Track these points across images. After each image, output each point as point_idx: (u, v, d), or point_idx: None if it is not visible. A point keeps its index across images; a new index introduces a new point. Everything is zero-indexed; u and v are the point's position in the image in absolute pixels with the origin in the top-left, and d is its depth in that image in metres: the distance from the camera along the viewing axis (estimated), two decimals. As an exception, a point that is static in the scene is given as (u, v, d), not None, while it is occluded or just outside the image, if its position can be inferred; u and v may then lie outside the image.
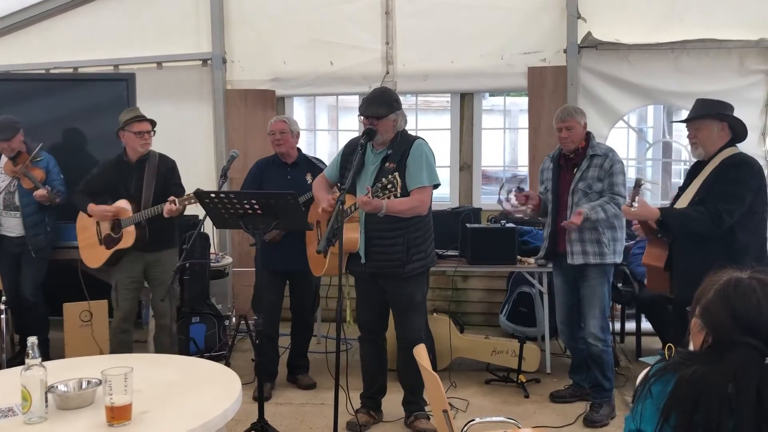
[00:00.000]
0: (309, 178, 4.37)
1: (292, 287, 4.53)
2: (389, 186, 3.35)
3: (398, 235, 3.64)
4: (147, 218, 4.14)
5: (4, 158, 4.68)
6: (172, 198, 4.01)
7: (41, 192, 4.49)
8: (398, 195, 3.37)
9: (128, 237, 4.21)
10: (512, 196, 4.15)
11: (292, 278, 4.45)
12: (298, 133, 4.56)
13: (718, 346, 1.58)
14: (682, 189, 3.60)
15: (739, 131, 3.42)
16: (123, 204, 4.23)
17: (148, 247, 4.24)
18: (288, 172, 4.44)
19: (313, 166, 4.49)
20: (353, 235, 3.67)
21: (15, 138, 4.60)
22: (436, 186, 3.75)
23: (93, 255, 4.39)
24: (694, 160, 3.56)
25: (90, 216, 4.32)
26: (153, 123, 4.28)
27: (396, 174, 3.37)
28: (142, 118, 4.23)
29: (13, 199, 4.68)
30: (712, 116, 3.39)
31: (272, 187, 4.26)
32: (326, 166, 4.60)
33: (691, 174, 3.57)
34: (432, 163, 3.71)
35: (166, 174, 4.31)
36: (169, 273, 4.27)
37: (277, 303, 4.47)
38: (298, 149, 4.55)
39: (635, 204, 3.28)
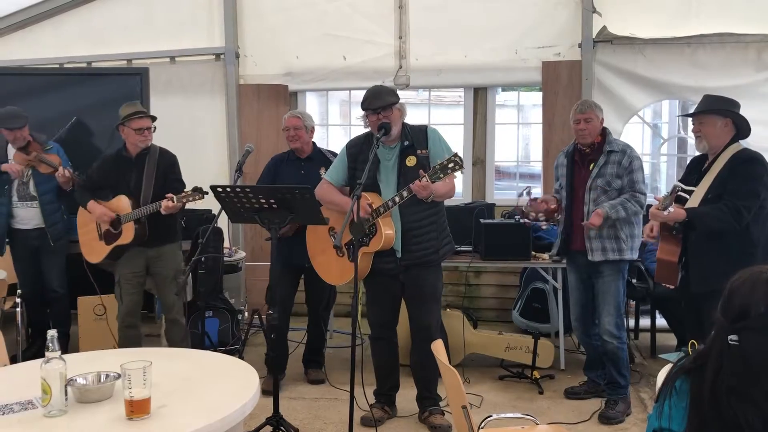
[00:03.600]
0: (323, 172, 4.36)
1: (306, 282, 4.53)
2: (451, 165, 3.35)
3: (433, 221, 3.71)
4: (145, 215, 4.11)
5: (12, 151, 4.66)
6: (169, 195, 3.97)
7: (64, 173, 4.46)
8: (463, 172, 3.38)
9: (127, 233, 4.17)
10: (530, 210, 4.09)
11: (307, 273, 4.42)
12: (313, 128, 4.55)
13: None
14: (684, 182, 3.62)
15: (742, 128, 3.51)
16: (122, 199, 4.19)
17: (149, 243, 4.21)
18: (302, 166, 4.44)
19: (327, 160, 4.48)
20: (388, 231, 3.64)
21: (25, 127, 4.59)
22: None
23: (93, 250, 4.35)
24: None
25: (90, 213, 4.29)
26: (153, 118, 4.25)
27: (456, 153, 3.39)
28: (142, 114, 4.18)
29: (28, 190, 4.67)
30: (715, 112, 3.48)
31: (286, 181, 4.25)
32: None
33: (694, 169, 3.63)
34: (450, 146, 3.75)
35: (167, 169, 4.27)
36: (172, 267, 4.28)
37: (289, 298, 4.46)
38: (314, 143, 4.54)
39: (671, 209, 3.31)
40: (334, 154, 4.63)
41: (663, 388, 1.63)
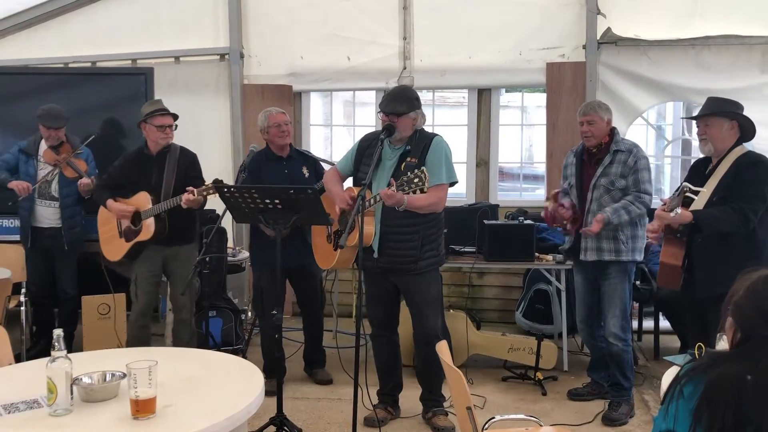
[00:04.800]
0: (305, 171, 4.36)
1: (294, 284, 4.52)
2: (416, 180, 3.31)
3: (414, 231, 3.65)
4: (166, 210, 4.13)
5: (43, 146, 4.71)
6: (190, 188, 3.99)
7: (86, 181, 4.52)
8: (424, 190, 3.33)
9: (148, 229, 4.20)
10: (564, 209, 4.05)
11: (293, 275, 4.41)
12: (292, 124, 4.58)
13: (747, 343, 1.58)
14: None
15: (747, 130, 3.50)
16: (143, 196, 4.22)
17: (168, 241, 4.23)
18: (284, 166, 4.39)
19: (306, 158, 4.48)
20: (368, 228, 3.66)
21: (63, 128, 4.65)
22: (453, 184, 3.75)
23: (113, 248, 4.39)
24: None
25: (109, 211, 4.33)
26: (175, 117, 4.27)
27: (423, 169, 3.34)
28: (164, 112, 4.22)
29: (49, 189, 4.71)
30: (722, 114, 3.46)
31: (270, 182, 4.22)
32: (318, 158, 4.61)
33: (698, 171, 3.62)
34: (450, 160, 3.72)
35: (187, 167, 4.30)
36: (188, 267, 4.27)
37: (279, 301, 4.44)
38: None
39: (678, 211, 3.28)
40: (310, 154, 4.65)
41: (669, 390, 1.63)
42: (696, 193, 3.34)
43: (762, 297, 1.59)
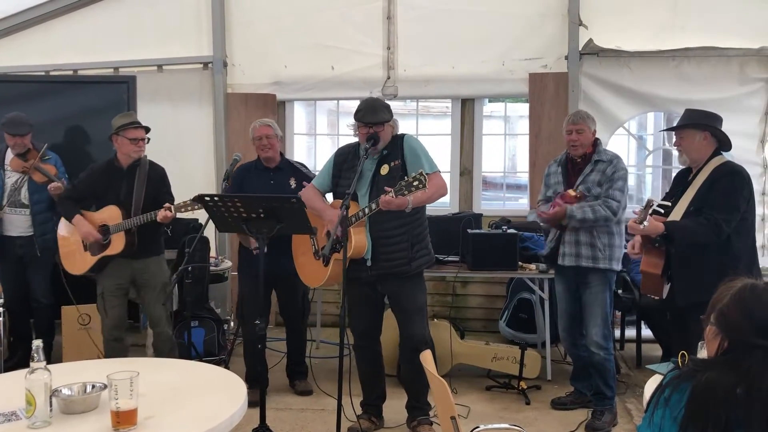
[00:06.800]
0: (292, 182, 4.35)
1: (279, 293, 4.50)
2: (415, 183, 3.33)
3: (404, 232, 3.68)
4: (138, 225, 4.06)
5: (9, 155, 4.66)
6: (168, 205, 3.95)
7: (57, 185, 4.46)
8: (426, 189, 3.35)
9: (117, 243, 4.10)
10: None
11: (278, 284, 4.38)
12: (281, 137, 4.56)
13: (734, 351, 1.59)
14: (669, 195, 3.67)
15: (724, 140, 3.54)
16: (112, 210, 4.14)
17: (136, 254, 4.15)
18: (271, 176, 4.39)
19: (295, 170, 4.47)
20: (361, 237, 3.65)
21: (28, 134, 4.61)
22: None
23: (76, 261, 4.27)
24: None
25: (74, 226, 4.21)
26: (147, 129, 4.22)
27: (421, 170, 3.36)
28: (137, 125, 4.16)
29: (19, 196, 4.65)
30: (693, 126, 3.51)
31: (252, 192, 4.20)
32: (308, 170, 4.60)
33: (679, 181, 3.66)
34: (426, 151, 3.76)
35: (157, 181, 4.23)
36: (160, 278, 4.23)
37: (265, 309, 4.41)
38: (281, 153, 4.52)
39: (645, 223, 3.31)
40: (303, 165, 4.64)
41: (653, 398, 1.63)
42: (664, 207, 3.39)
43: (750, 305, 1.61)
